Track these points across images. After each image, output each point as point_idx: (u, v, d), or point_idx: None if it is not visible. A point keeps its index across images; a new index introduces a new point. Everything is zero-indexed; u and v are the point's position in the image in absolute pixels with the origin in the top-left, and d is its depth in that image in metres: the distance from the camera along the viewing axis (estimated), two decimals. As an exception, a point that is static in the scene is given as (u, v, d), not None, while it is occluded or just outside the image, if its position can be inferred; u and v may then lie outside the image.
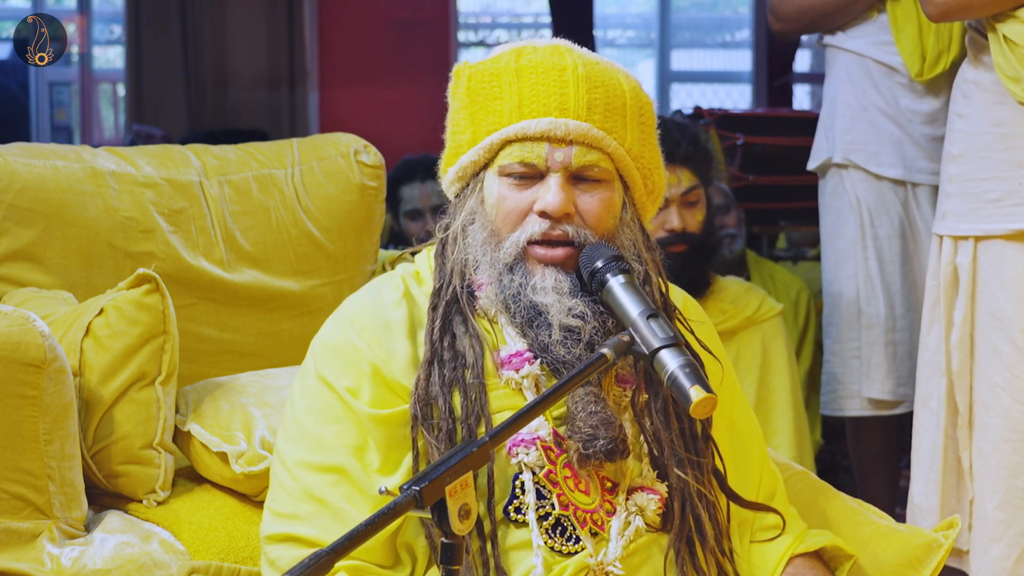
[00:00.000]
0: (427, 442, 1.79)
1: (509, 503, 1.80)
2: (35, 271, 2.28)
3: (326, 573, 1.39)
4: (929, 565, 1.99)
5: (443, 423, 1.79)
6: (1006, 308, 2.67)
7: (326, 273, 2.53)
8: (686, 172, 3.34)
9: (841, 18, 3.48)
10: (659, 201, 1.96)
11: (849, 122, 3.48)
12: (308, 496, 1.83)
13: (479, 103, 1.88)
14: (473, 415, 1.80)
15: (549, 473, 1.80)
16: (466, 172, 1.91)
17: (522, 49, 1.89)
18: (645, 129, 1.90)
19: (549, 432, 1.82)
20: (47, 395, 1.95)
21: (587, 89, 1.84)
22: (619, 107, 1.86)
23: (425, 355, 1.83)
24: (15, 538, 1.94)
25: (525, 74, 1.85)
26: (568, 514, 1.79)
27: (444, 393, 1.80)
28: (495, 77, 1.87)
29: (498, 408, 1.82)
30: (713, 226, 3.46)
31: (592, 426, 1.79)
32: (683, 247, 3.31)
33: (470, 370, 1.82)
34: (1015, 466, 2.66)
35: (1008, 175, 2.68)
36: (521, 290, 1.83)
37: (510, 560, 1.79)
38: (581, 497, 1.81)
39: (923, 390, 2.87)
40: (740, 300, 3.47)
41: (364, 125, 4.39)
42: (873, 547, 2.01)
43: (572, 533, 1.80)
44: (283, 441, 1.90)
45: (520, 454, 1.80)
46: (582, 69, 1.85)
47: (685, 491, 1.84)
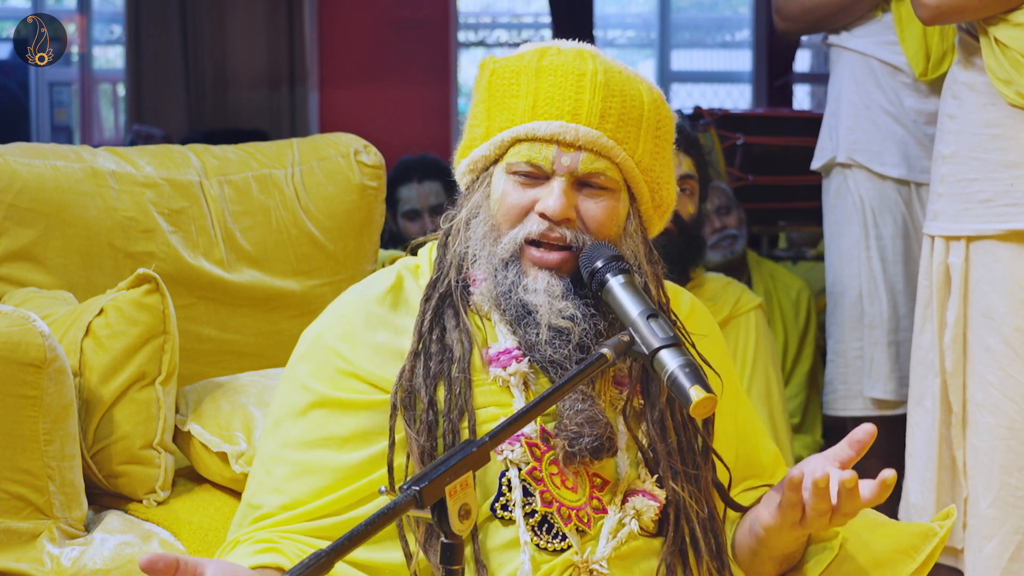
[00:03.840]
0: (406, 433, 1.79)
1: (496, 500, 1.80)
2: (35, 271, 2.28)
3: (326, 573, 1.39)
4: (923, 551, 1.97)
5: (424, 415, 1.79)
6: (998, 307, 2.68)
7: (326, 273, 2.53)
8: (688, 160, 3.36)
9: (846, 17, 3.48)
10: (667, 217, 1.95)
11: (853, 121, 3.48)
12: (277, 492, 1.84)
13: (497, 99, 1.88)
14: (456, 409, 1.80)
15: (533, 470, 1.80)
16: (477, 166, 1.91)
17: (547, 49, 1.89)
18: (660, 143, 1.89)
19: (535, 429, 1.82)
20: (47, 395, 1.95)
21: (603, 97, 1.83)
22: (635, 118, 1.85)
23: (412, 346, 1.83)
24: (15, 538, 1.94)
25: (544, 75, 1.85)
26: (552, 511, 1.79)
27: (428, 386, 1.80)
28: (516, 75, 1.87)
29: (483, 404, 1.82)
30: (701, 227, 3.48)
31: (578, 424, 1.79)
32: (672, 226, 3.32)
33: (456, 364, 1.82)
34: (1008, 464, 2.67)
35: (999, 176, 2.69)
36: (513, 288, 1.83)
37: (498, 558, 1.78)
38: (567, 494, 1.81)
39: (917, 389, 2.88)
40: (719, 297, 3.49)
41: (364, 125, 4.39)
42: (866, 536, 2.00)
43: (559, 531, 1.79)
44: (262, 437, 1.92)
45: (505, 451, 1.80)
46: (601, 76, 1.84)
47: (680, 504, 1.84)
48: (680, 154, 3.33)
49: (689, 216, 3.37)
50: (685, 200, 3.37)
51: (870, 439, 1.77)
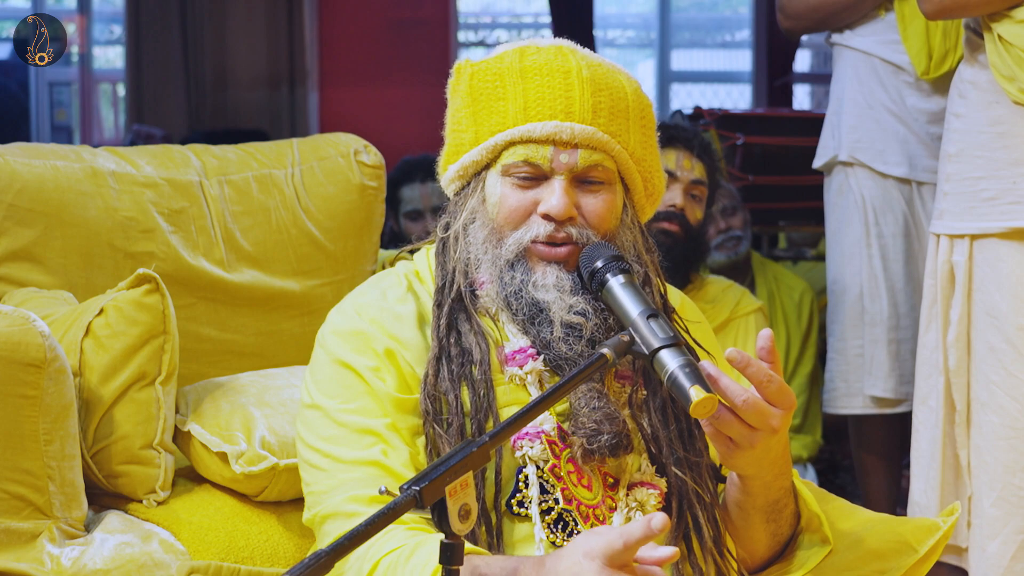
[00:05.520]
0: (437, 436, 1.79)
1: (512, 496, 1.80)
2: (35, 271, 2.28)
3: (326, 573, 1.39)
4: (925, 544, 1.97)
5: (452, 418, 1.80)
6: (1002, 306, 2.68)
7: (326, 273, 2.53)
8: (700, 166, 3.37)
9: (850, 16, 3.48)
10: (657, 203, 1.97)
11: (855, 120, 3.49)
12: (345, 461, 1.80)
13: (482, 103, 1.88)
14: (482, 411, 1.81)
15: (554, 467, 1.80)
16: (467, 171, 1.91)
17: (525, 49, 1.89)
18: (646, 132, 1.91)
19: (553, 427, 1.82)
20: (47, 395, 1.95)
21: (592, 92, 1.84)
22: (623, 110, 1.87)
23: (432, 351, 1.83)
24: (15, 538, 1.94)
25: (530, 75, 1.85)
26: (572, 508, 1.80)
27: (454, 388, 1.81)
28: (499, 77, 1.87)
29: (504, 404, 1.83)
30: (706, 232, 3.48)
31: (596, 421, 1.80)
32: (677, 228, 3.32)
33: (477, 366, 1.82)
34: (1011, 463, 2.67)
35: (1004, 173, 2.69)
36: (522, 287, 1.83)
37: (512, 554, 1.78)
38: (584, 492, 1.82)
39: (922, 388, 2.88)
40: (719, 299, 3.49)
41: (364, 125, 4.39)
42: (867, 529, 1.99)
43: (573, 528, 1.80)
44: (305, 431, 1.87)
45: (525, 447, 1.80)
46: (586, 72, 1.85)
47: (682, 489, 1.84)
48: (693, 159, 3.34)
49: (696, 221, 3.37)
50: (693, 205, 3.37)
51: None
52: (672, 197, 3.33)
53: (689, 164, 3.34)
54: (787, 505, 1.87)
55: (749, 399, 1.66)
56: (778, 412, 1.68)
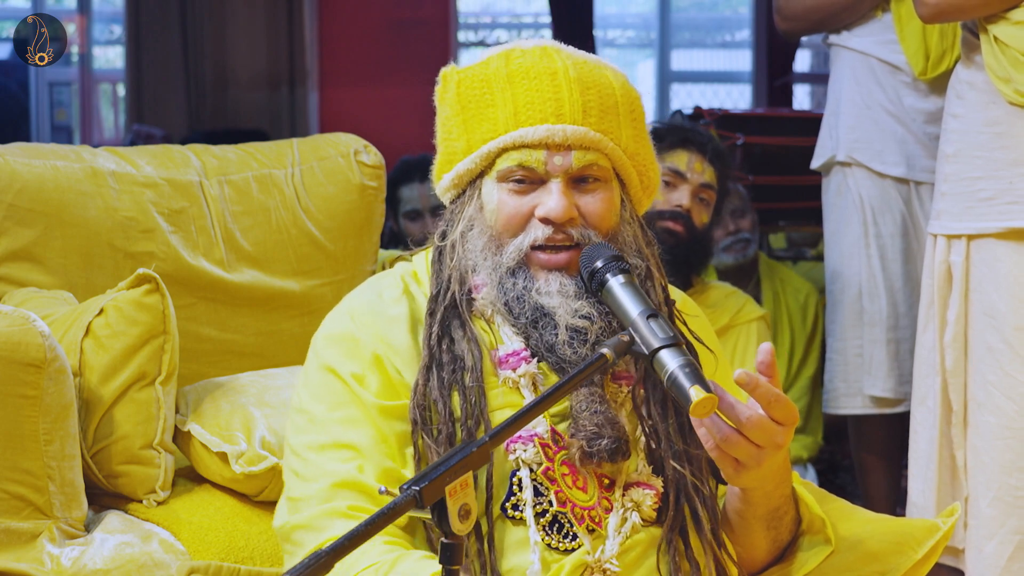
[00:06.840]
0: (426, 445, 1.79)
1: (506, 500, 1.80)
2: (35, 271, 2.28)
3: (326, 573, 1.39)
4: (925, 544, 1.96)
5: (443, 426, 1.79)
6: (999, 306, 2.68)
7: (326, 273, 2.53)
8: (711, 170, 3.37)
9: (848, 17, 3.48)
10: (654, 195, 1.97)
11: (853, 120, 3.49)
12: (322, 474, 1.81)
13: (471, 110, 1.87)
14: (472, 418, 1.80)
15: (547, 470, 1.80)
16: (462, 179, 1.90)
17: (510, 53, 1.88)
18: (637, 125, 1.90)
19: (547, 429, 1.82)
20: (47, 395, 1.95)
21: (580, 92, 1.84)
22: (612, 106, 1.86)
23: (423, 360, 1.83)
24: (15, 538, 1.94)
25: (517, 80, 1.85)
26: (566, 511, 1.79)
27: (443, 396, 1.80)
28: (486, 83, 1.86)
29: (496, 407, 1.83)
30: (710, 238, 3.48)
31: (597, 424, 1.80)
32: (681, 228, 3.32)
33: (469, 373, 1.82)
34: (1008, 464, 2.67)
35: (1001, 174, 2.69)
36: (525, 293, 1.83)
37: (507, 558, 1.78)
38: (579, 494, 1.81)
39: (920, 388, 2.88)
40: (721, 304, 3.48)
41: (364, 125, 4.39)
42: (867, 530, 1.99)
43: (569, 530, 1.80)
44: (291, 434, 1.89)
45: (518, 451, 1.80)
46: (573, 71, 1.85)
47: (680, 483, 1.84)
48: (705, 163, 3.35)
49: (701, 224, 3.37)
50: (700, 208, 3.37)
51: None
52: (679, 197, 3.32)
53: (700, 167, 3.34)
54: (787, 512, 1.88)
55: (753, 417, 1.66)
56: (782, 429, 1.68)
